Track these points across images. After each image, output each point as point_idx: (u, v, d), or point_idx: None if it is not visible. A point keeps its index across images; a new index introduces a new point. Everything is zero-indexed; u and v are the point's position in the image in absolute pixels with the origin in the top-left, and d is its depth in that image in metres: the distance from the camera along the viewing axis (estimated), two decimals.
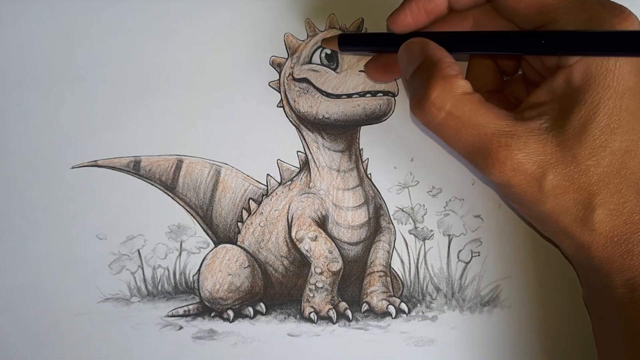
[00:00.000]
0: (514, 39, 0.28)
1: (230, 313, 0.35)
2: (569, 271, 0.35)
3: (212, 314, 0.35)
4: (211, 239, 0.36)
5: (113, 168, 0.36)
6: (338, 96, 0.35)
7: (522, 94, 0.32)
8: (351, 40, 0.33)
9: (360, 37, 0.35)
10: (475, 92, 0.26)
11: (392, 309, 0.35)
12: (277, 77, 0.36)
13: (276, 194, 0.36)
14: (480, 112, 0.26)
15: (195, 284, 0.35)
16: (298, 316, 0.35)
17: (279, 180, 0.36)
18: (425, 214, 0.36)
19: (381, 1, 0.37)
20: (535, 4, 0.26)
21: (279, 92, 0.36)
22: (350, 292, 0.36)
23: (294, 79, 0.35)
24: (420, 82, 0.27)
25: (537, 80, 0.30)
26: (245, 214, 0.36)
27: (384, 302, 0.35)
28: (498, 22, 0.29)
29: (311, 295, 0.35)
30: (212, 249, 0.36)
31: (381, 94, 0.35)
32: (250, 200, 0.36)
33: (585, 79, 0.25)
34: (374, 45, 0.33)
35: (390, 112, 0.36)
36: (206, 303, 0.35)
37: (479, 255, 0.36)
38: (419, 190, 0.36)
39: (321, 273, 0.35)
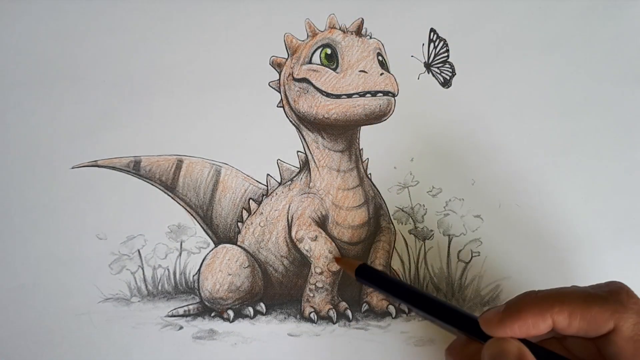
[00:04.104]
0: None
1: (231, 313, 0.35)
2: (567, 271, 0.36)
3: (212, 314, 0.35)
4: (211, 239, 0.36)
5: (113, 168, 0.36)
6: (338, 96, 0.35)
7: None
8: (371, 276, 0.30)
9: (382, 278, 0.30)
10: None
11: (392, 309, 0.35)
12: (277, 77, 0.36)
13: (276, 194, 0.36)
14: None
15: (195, 284, 0.35)
16: (298, 316, 0.35)
17: (279, 180, 0.36)
18: (425, 214, 0.36)
19: (381, 1, 0.37)
20: None
21: (279, 92, 0.36)
22: (350, 292, 0.35)
23: (294, 79, 0.35)
24: None
25: None
26: (245, 214, 0.36)
27: (384, 301, 0.35)
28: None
29: (311, 295, 0.35)
30: (212, 249, 0.36)
31: (381, 94, 0.35)
32: (250, 200, 0.36)
33: None
34: (396, 295, 0.29)
35: (390, 112, 0.36)
36: (206, 303, 0.35)
37: (479, 255, 0.36)
38: (419, 190, 0.36)
39: (321, 273, 0.35)
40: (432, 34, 0.37)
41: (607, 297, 0.25)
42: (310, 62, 0.35)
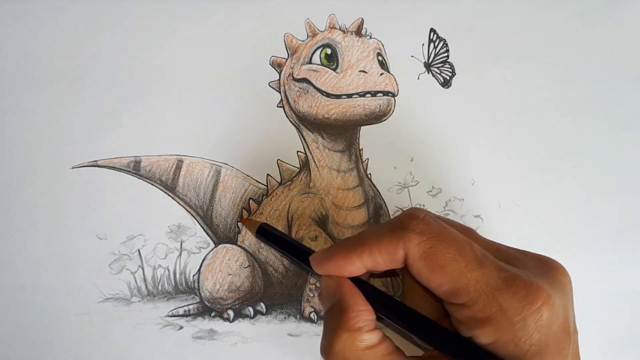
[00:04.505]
0: (423, 330, 0.26)
1: (231, 313, 0.35)
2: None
3: (212, 314, 0.35)
4: (211, 239, 0.36)
5: (113, 168, 0.36)
6: (338, 96, 0.35)
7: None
8: (268, 235, 0.33)
9: (277, 236, 0.33)
10: (383, 343, 0.26)
11: None
12: (277, 77, 0.36)
13: (276, 194, 0.36)
14: None
15: (196, 284, 0.35)
16: (298, 316, 0.35)
17: (279, 180, 0.36)
18: None
19: (381, 1, 0.37)
20: (447, 284, 0.25)
21: (279, 92, 0.36)
22: None
23: (294, 79, 0.36)
24: (328, 326, 0.26)
25: None
26: (245, 214, 0.36)
27: None
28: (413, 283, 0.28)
29: (311, 295, 0.35)
30: (213, 249, 0.36)
31: (381, 94, 0.35)
32: (251, 200, 0.36)
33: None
34: (287, 251, 0.32)
35: (390, 112, 0.36)
36: (206, 303, 0.35)
37: None
38: (419, 190, 0.36)
39: None
40: (432, 34, 0.37)
41: (393, 227, 0.26)
42: (310, 62, 0.35)
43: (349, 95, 0.35)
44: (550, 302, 0.24)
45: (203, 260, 0.35)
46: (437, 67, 0.37)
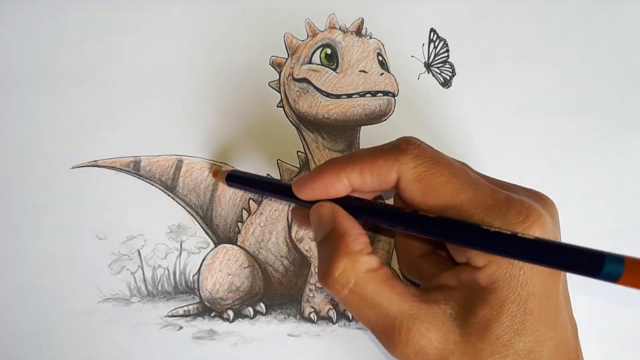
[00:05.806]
0: (421, 223, 0.25)
1: (230, 313, 0.35)
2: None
3: (212, 314, 0.35)
4: (211, 239, 0.36)
5: (113, 168, 0.36)
6: (338, 96, 0.35)
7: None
8: (239, 179, 0.33)
9: (249, 178, 0.33)
10: (382, 268, 0.26)
11: None
12: (277, 77, 0.36)
13: None
14: (383, 292, 0.25)
15: (195, 284, 0.35)
16: (298, 316, 0.35)
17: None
18: None
19: (381, 1, 0.37)
20: (440, 206, 0.25)
21: (279, 92, 0.36)
22: None
23: (294, 79, 0.36)
24: (326, 253, 0.26)
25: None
26: (245, 214, 0.36)
27: None
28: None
29: (311, 295, 0.35)
30: (212, 249, 0.36)
31: (381, 94, 0.35)
32: (250, 201, 0.36)
33: (490, 282, 0.24)
34: (262, 189, 0.32)
35: (390, 112, 0.36)
36: (206, 303, 0.35)
37: None
38: None
39: None
40: (432, 34, 0.37)
41: (389, 149, 0.26)
42: (310, 62, 0.35)
43: (349, 95, 0.35)
44: (541, 221, 0.24)
45: (203, 261, 0.35)
46: (437, 67, 0.37)
